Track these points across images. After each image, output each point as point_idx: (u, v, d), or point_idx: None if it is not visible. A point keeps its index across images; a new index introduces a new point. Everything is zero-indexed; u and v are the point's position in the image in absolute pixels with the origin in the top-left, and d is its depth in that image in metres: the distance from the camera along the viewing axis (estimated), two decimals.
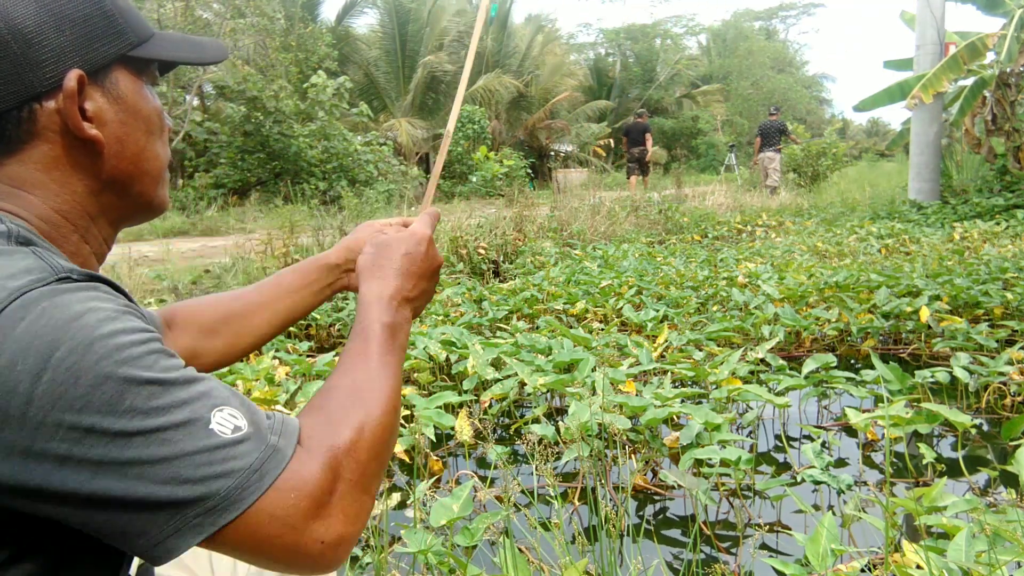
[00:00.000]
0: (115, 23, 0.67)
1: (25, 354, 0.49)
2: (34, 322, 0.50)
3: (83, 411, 0.50)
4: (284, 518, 0.55)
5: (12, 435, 0.49)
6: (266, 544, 0.55)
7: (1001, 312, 3.67)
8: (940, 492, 1.60)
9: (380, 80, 18.95)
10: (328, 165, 12.49)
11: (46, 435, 0.49)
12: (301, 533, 0.55)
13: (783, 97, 24.18)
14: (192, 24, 11.39)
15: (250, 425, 0.56)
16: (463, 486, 1.62)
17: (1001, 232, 6.54)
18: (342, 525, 0.58)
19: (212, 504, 0.52)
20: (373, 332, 0.72)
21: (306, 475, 0.57)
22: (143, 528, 0.52)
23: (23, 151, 0.64)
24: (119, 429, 0.50)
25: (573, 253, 6.35)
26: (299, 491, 0.56)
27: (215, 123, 12.63)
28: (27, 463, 0.49)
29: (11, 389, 0.49)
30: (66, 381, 0.49)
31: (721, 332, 3.28)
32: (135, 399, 0.51)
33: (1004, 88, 8.52)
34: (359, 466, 0.61)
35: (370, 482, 0.62)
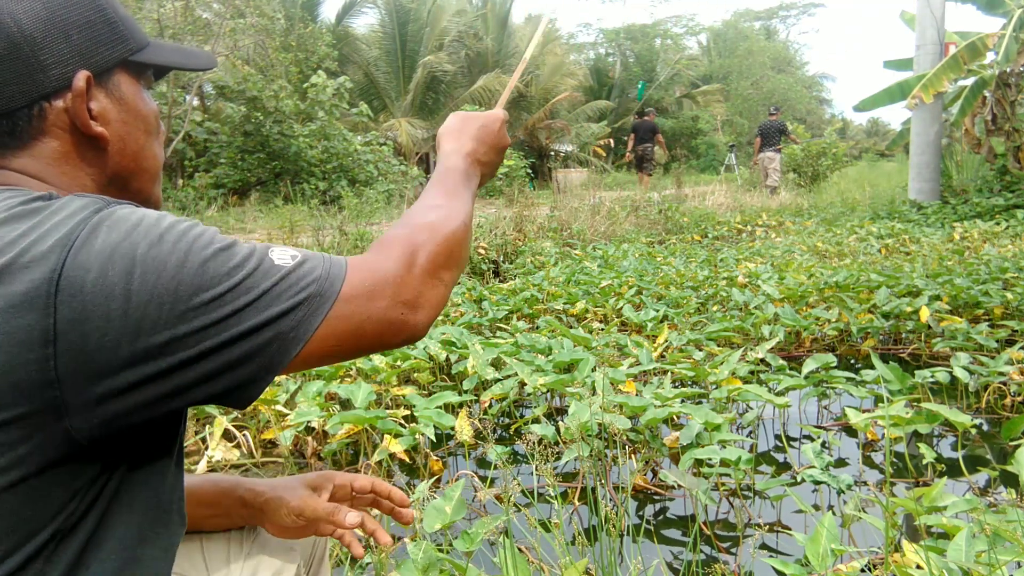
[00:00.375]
0: (117, 30, 0.72)
1: (111, 261, 0.56)
2: (108, 236, 0.58)
3: (179, 290, 0.57)
4: (367, 305, 0.65)
5: (117, 336, 0.56)
6: (357, 333, 0.65)
7: (1001, 312, 3.67)
8: (940, 492, 1.60)
9: (380, 80, 18.93)
10: (328, 165, 12.49)
11: (149, 326, 0.56)
12: (385, 313, 0.66)
13: (783, 97, 24.14)
14: (192, 24, 11.38)
15: (299, 252, 0.66)
16: (455, 486, 1.61)
17: (1001, 232, 6.54)
18: (421, 303, 0.69)
19: (302, 315, 0.62)
20: (450, 172, 0.86)
21: (387, 265, 0.68)
22: (250, 357, 0.60)
23: (34, 146, 0.68)
24: (211, 296, 0.59)
25: (573, 253, 6.35)
26: (378, 279, 0.67)
27: (215, 123, 12.62)
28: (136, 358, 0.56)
29: (109, 294, 0.55)
30: (156, 270, 0.57)
31: (721, 332, 3.28)
32: (214, 266, 0.60)
33: (1004, 88, 8.52)
34: (431, 256, 0.72)
35: (442, 272, 0.72)
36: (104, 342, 0.55)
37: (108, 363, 0.56)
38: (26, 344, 0.54)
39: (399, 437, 2.17)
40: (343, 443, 2.39)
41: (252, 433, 2.44)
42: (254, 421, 2.52)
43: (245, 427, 2.48)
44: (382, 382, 2.72)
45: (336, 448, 2.31)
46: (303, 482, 0.95)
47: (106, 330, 0.55)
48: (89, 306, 0.55)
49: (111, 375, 0.56)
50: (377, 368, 2.76)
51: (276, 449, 2.45)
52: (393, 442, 2.15)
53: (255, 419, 2.53)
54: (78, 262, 0.55)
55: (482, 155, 0.92)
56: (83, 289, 0.55)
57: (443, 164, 0.88)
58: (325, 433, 2.43)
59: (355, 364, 2.89)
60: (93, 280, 0.55)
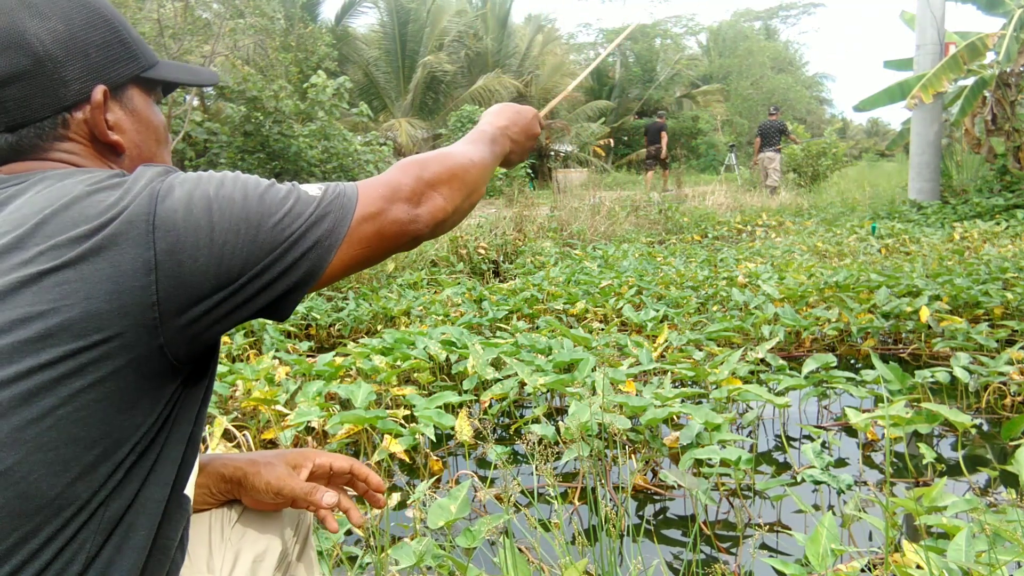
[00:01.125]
0: (131, 49, 0.82)
1: (193, 201, 0.68)
2: (183, 186, 0.70)
3: (249, 217, 0.70)
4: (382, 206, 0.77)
5: (206, 260, 0.67)
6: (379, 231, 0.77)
7: (1001, 312, 3.67)
8: (940, 492, 1.60)
9: (380, 80, 18.93)
10: (328, 165, 12.47)
11: (231, 249, 0.68)
12: (396, 212, 0.78)
13: (783, 97, 24.13)
14: (192, 24, 11.38)
15: (321, 185, 0.78)
16: (460, 486, 1.62)
17: (1001, 232, 6.54)
18: (427, 206, 0.81)
19: (333, 223, 0.74)
20: (478, 132, 1.01)
21: (396, 175, 0.81)
22: (302, 257, 0.72)
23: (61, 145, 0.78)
24: (274, 221, 0.71)
25: (573, 253, 6.35)
26: (387, 185, 0.79)
27: (215, 123, 12.61)
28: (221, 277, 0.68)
29: (196, 226, 0.67)
30: (229, 204, 0.70)
31: (721, 332, 3.28)
32: (269, 198, 0.72)
33: (1004, 88, 8.52)
34: (438, 174, 0.83)
35: (441, 187, 0.83)
36: (196, 267, 0.66)
37: (200, 284, 0.67)
38: (131, 274, 0.64)
39: (399, 437, 2.17)
40: (343, 443, 2.39)
41: (252, 433, 2.44)
42: (254, 421, 2.52)
43: (245, 427, 2.48)
44: (382, 382, 2.72)
45: (336, 448, 2.31)
46: (282, 459, 0.98)
47: (196, 256, 0.66)
48: (182, 237, 0.66)
49: (202, 295, 0.67)
50: (377, 368, 2.76)
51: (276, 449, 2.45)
52: (393, 442, 2.15)
53: (255, 419, 2.53)
54: (166, 205, 0.67)
55: (512, 133, 1.07)
56: (176, 225, 0.66)
57: (477, 127, 1.03)
58: (325, 433, 2.43)
59: (355, 364, 2.89)
60: (182, 217, 0.67)
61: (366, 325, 4.08)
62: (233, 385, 2.67)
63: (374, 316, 4.13)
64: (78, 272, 0.63)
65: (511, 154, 1.09)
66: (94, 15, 0.78)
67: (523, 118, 1.11)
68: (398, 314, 4.09)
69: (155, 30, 10.66)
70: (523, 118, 1.11)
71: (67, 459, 0.62)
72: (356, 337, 3.99)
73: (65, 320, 0.62)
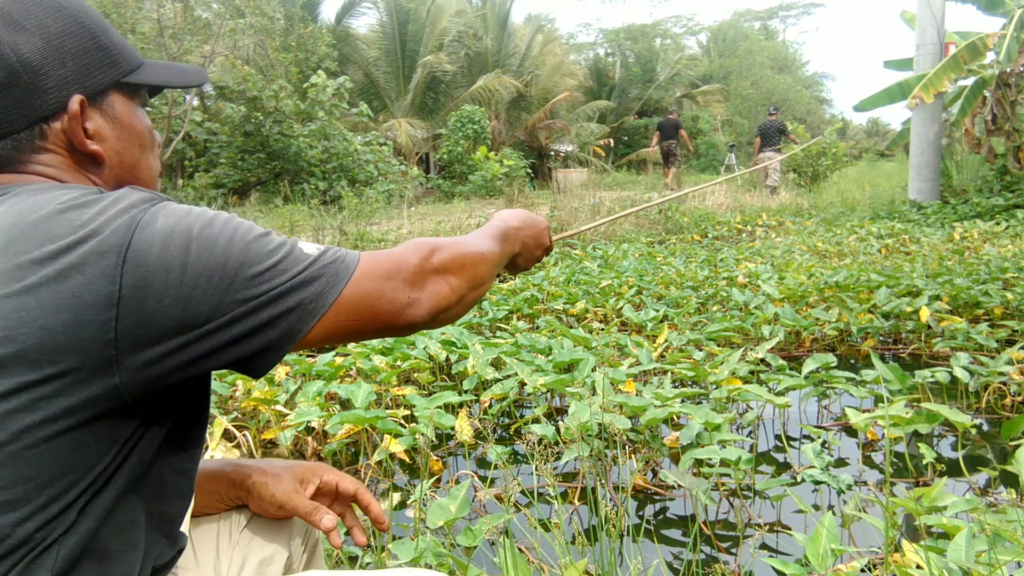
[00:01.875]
0: (110, 55, 0.79)
1: (172, 238, 0.64)
2: (167, 218, 0.66)
3: (227, 264, 0.66)
4: (380, 284, 0.73)
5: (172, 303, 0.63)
6: (370, 309, 0.73)
7: (1001, 312, 3.67)
8: (940, 492, 1.60)
9: (380, 80, 18.92)
10: (328, 165, 12.49)
11: (200, 295, 0.64)
12: (395, 293, 0.74)
13: (783, 97, 24.14)
14: (192, 24, 11.37)
15: (321, 245, 0.74)
16: (460, 486, 1.62)
17: (1001, 232, 6.54)
18: (429, 294, 0.77)
19: (322, 288, 0.70)
20: (492, 228, 0.98)
21: (404, 253, 0.77)
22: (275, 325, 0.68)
23: (40, 158, 0.75)
24: (254, 272, 0.67)
25: (573, 253, 6.35)
26: (392, 262, 0.75)
27: (215, 123, 12.62)
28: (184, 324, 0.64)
29: (168, 266, 0.63)
30: (209, 247, 0.65)
31: (721, 332, 3.28)
32: (256, 247, 0.68)
33: (1004, 88, 8.52)
34: (447, 262, 0.80)
35: (449, 276, 0.80)
36: (160, 307, 0.63)
37: (162, 326, 0.63)
38: (92, 306, 0.61)
39: (399, 437, 2.17)
40: (343, 443, 2.39)
41: (252, 433, 2.44)
42: (254, 421, 2.52)
43: (245, 427, 2.48)
44: (382, 382, 2.71)
45: (336, 448, 2.31)
46: (291, 472, 0.98)
47: (162, 296, 0.63)
48: (151, 275, 0.63)
49: (163, 337, 0.64)
50: (377, 368, 2.76)
51: (276, 449, 2.45)
52: (393, 442, 2.15)
53: (255, 419, 2.53)
54: (143, 238, 0.63)
55: (524, 236, 1.05)
56: (147, 261, 0.63)
57: (491, 222, 1.01)
58: (325, 433, 2.43)
59: (355, 364, 2.89)
60: (157, 253, 0.63)
61: None
62: (233, 385, 2.67)
63: None
64: (37, 299, 0.60)
65: (518, 257, 1.06)
66: (70, 22, 0.75)
67: (536, 226, 1.09)
68: None
69: (155, 30, 10.67)
70: (536, 226, 1.09)
71: (16, 499, 0.60)
72: None
73: (20, 350, 0.59)
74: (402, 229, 6.56)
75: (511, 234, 1.01)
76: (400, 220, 7.38)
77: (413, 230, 6.57)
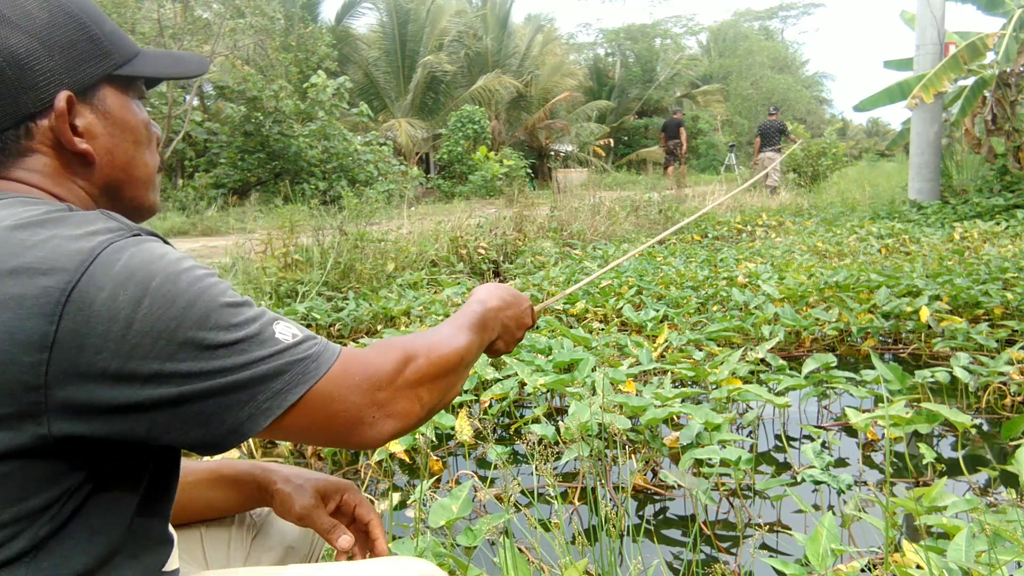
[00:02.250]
0: (101, 46, 0.73)
1: (126, 286, 0.58)
2: (129, 262, 0.59)
3: (177, 330, 0.59)
4: (347, 395, 0.67)
5: (109, 357, 0.57)
6: (328, 420, 0.66)
7: (1001, 312, 3.67)
8: (940, 492, 1.60)
9: (380, 80, 18.93)
10: (328, 165, 12.49)
11: (141, 354, 0.58)
12: (360, 409, 0.68)
13: (783, 97, 24.15)
14: (192, 24, 11.38)
15: (301, 332, 0.68)
16: (462, 486, 1.62)
17: (1001, 232, 6.54)
18: (392, 411, 0.70)
19: (280, 388, 0.63)
20: (468, 313, 0.90)
21: (378, 363, 0.70)
22: (221, 417, 0.61)
23: (25, 161, 0.71)
24: (206, 344, 0.60)
25: (573, 253, 6.35)
26: (365, 373, 0.68)
27: (215, 123, 12.63)
28: (119, 384, 0.58)
29: (113, 316, 0.57)
30: (164, 305, 0.59)
31: (721, 332, 3.28)
32: (219, 318, 0.61)
33: (1004, 88, 8.52)
34: (421, 373, 0.73)
35: (422, 390, 0.73)
36: (96, 359, 0.57)
37: (94, 380, 0.57)
38: (24, 346, 0.56)
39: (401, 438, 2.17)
40: None
41: None
42: None
43: None
44: None
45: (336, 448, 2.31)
46: (315, 487, 0.96)
47: (101, 348, 0.57)
48: (92, 322, 0.57)
49: (93, 391, 0.57)
50: None
51: (276, 449, 2.45)
52: (393, 442, 2.15)
53: None
54: (94, 279, 0.57)
55: (505, 317, 0.97)
56: (92, 306, 0.57)
57: (467, 305, 0.93)
58: None
59: None
60: (103, 300, 0.57)
61: (366, 325, 4.08)
62: None
63: (374, 316, 4.13)
64: None
65: (498, 340, 0.98)
66: (58, 12, 0.70)
67: (519, 304, 1.01)
68: (398, 314, 4.09)
69: (155, 30, 10.68)
70: (519, 304, 1.01)
71: None
72: (356, 337, 3.99)
73: None
74: (402, 229, 6.56)
75: (490, 318, 0.93)
76: (400, 220, 7.38)
77: (413, 230, 6.57)
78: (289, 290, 4.63)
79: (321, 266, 4.94)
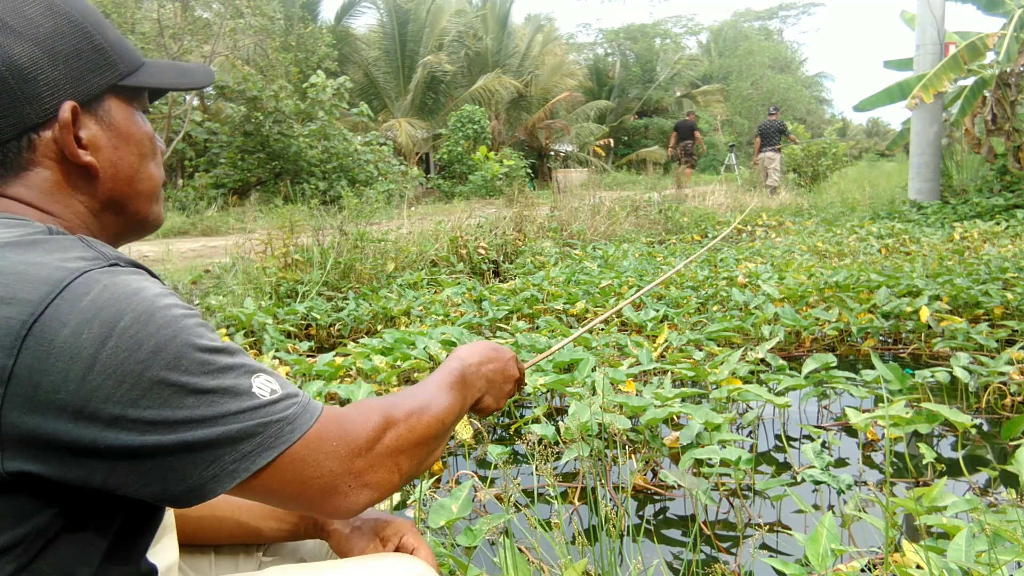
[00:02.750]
0: (106, 56, 0.72)
1: (91, 324, 0.55)
2: (98, 296, 0.56)
3: (144, 374, 0.56)
4: (321, 461, 0.63)
5: (68, 397, 0.54)
6: (300, 486, 0.63)
7: (1001, 312, 3.67)
8: (940, 492, 1.60)
9: (380, 80, 18.93)
10: (328, 165, 12.49)
11: (102, 397, 0.55)
12: (335, 477, 0.64)
13: (783, 97, 24.16)
14: (192, 24, 11.38)
15: (282, 388, 0.64)
16: (462, 486, 1.62)
17: (1001, 232, 6.54)
18: (369, 482, 0.67)
19: (248, 450, 0.59)
20: (447, 370, 0.87)
21: (356, 427, 0.67)
22: (182, 474, 0.58)
23: (26, 175, 0.68)
24: (176, 391, 0.57)
25: (573, 253, 6.35)
26: (343, 439, 0.65)
27: (215, 123, 12.62)
28: (79, 423, 0.54)
29: (74, 355, 0.54)
30: (130, 347, 0.55)
31: (721, 332, 3.28)
32: (191, 364, 0.58)
33: (1004, 88, 8.52)
34: (401, 440, 0.70)
35: (402, 458, 0.70)
36: (54, 398, 0.54)
37: (54, 415, 0.54)
38: None
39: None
40: None
41: None
42: None
43: None
44: (382, 382, 2.71)
45: None
46: (373, 528, 0.93)
47: (60, 388, 0.54)
48: (52, 360, 0.54)
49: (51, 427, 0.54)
50: (377, 368, 2.76)
51: None
52: None
53: None
54: (58, 314, 0.54)
55: (488, 371, 0.94)
56: (53, 342, 0.54)
57: (449, 361, 0.90)
58: None
59: (355, 364, 2.89)
60: (65, 337, 0.54)
61: (366, 325, 4.08)
62: None
63: (374, 316, 4.13)
64: None
65: (485, 396, 0.94)
66: (63, 21, 0.68)
67: (500, 357, 0.97)
68: (398, 314, 4.09)
69: (155, 30, 10.68)
70: (500, 357, 0.97)
71: None
72: (356, 337, 3.99)
73: None
74: (402, 229, 6.56)
75: (471, 374, 0.90)
76: (400, 220, 7.38)
77: (413, 230, 6.57)
78: (289, 290, 4.63)
79: (321, 266, 4.94)
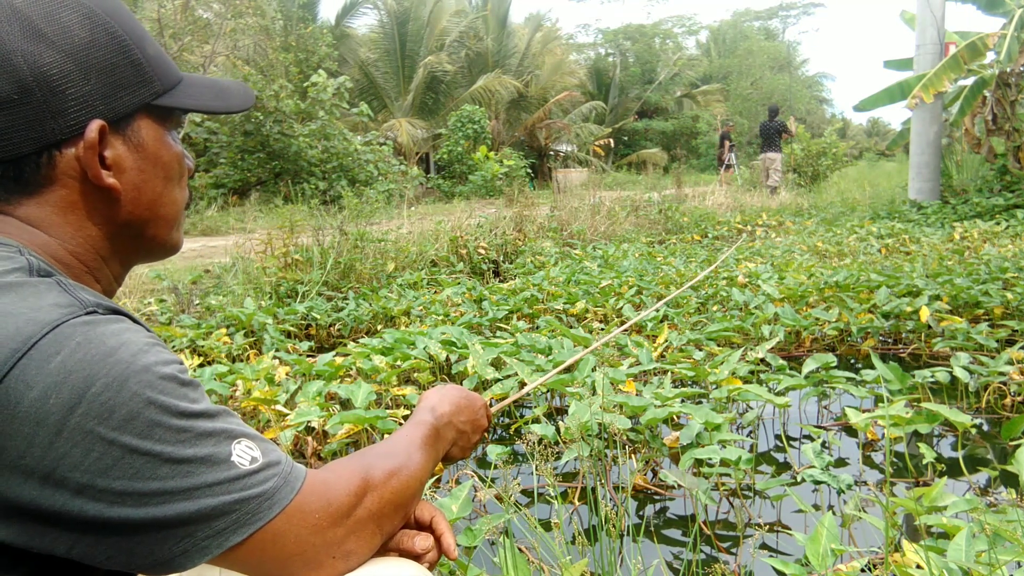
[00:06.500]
0: (142, 72, 0.67)
1: (59, 388, 0.51)
2: (69, 357, 0.52)
3: (114, 443, 0.52)
4: (302, 535, 0.60)
5: (33, 463, 0.51)
6: (278, 561, 0.60)
7: (1001, 312, 3.67)
8: (940, 492, 1.60)
9: (380, 80, 18.94)
10: (328, 165, 12.49)
11: (69, 465, 0.51)
12: (316, 551, 0.61)
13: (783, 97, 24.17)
14: (192, 24, 11.38)
15: (264, 456, 0.60)
16: (462, 486, 1.62)
17: (1001, 232, 6.54)
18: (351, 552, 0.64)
19: (222, 527, 0.56)
20: (419, 424, 0.84)
21: (336, 491, 0.64)
22: (151, 549, 0.55)
23: (41, 194, 0.64)
24: (148, 459, 0.53)
25: (573, 253, 6.35)
26: (325, 510, 0.62)
27: (215, 123, 12.62)
28: (45, 489, 0.51)
29: (40, 420, 0.50)
30: (100, 415, 0.51)
31: (721, 332, 3.28)
32: (165, 433, 0.54)
33: (1004, 88, 8.52)
34: (383, 503, 0.68)
35: (384, 522, 0.69)
36: (19, 463, 0.50)
37: (19, 483, 0.51)
38: None
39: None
40: (343, 443, 2.39)
41: None
42: (254, 421, 2.52)
43: None
44: (382, 382, 2.71)
45: (336, 448, 2.31)
46: None
47: (24, 453, 0.50)
48: (16, 424, 0.50)
49: (16, 487, 0.51)
50: (377, 368, 2.76)
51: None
52: None
53: (255, 419, 2.53)
54: (25, 375, 0.50)
55: (459, 422, 0.91)
56: (18, 405, 0.50)
57: (418, 414, 0.87)
58: (325, 433, 2.43)
59: (355, 364, 2.89)
60: (31, 400, 0.50)
61: (366, 325, 4.08)
62: (233, 385, 2.66)
63: (374, 316, 4.13)
64: None
65: (453, 447, 0.91)
66: (100, 32, 0.64)
67: (471, 406, 0.95)
68: (398, 314, 4.09)
69: (155, 29, 10.68)
70: (471, 406, 0.95)
71: None
72: (356, 337, 3.99)
73: None
74: (402, 229, 6.57)
75: (443, 427, 0.87)
76: (400, 220, 7.38)
77: (413, 230, 6.57)
78: (289, 290, 4.63)
79: (321, 266, 4.94)
